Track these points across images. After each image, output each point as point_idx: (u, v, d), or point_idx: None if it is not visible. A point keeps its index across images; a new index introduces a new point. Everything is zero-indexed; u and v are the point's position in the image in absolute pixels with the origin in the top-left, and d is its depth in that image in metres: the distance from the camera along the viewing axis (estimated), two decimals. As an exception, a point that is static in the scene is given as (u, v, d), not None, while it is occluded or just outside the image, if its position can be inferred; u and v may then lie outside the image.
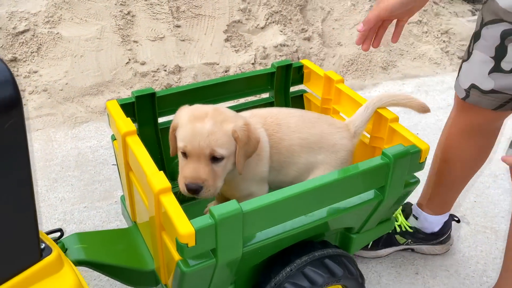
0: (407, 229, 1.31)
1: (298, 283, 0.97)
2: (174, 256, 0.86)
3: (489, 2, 0.97)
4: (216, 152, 0.92)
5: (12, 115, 0.57)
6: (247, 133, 0.94)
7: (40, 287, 0.65)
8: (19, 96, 0.58)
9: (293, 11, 2.35)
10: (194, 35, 2.22)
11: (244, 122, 0.95)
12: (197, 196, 0.93)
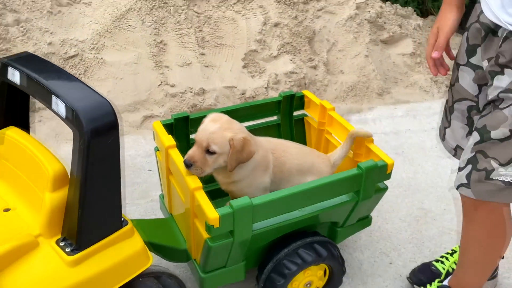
0: None
1: (293, 260, 1.30)
2: (203, 236, 1.20)
3: (456, 84, 1.24)
4: (210, 146, 1.25)
5: (113, 133, 0.93)
6: (242, 144, 1.26)
7: (121, 245, 1.00)
8: (117, 121, 0.93)
9: (302, 43, 2.70)
10: (216, 62, 2.59)
11: (244, 136, 1.27)
12: (189, 170, 1.23)
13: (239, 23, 2.71)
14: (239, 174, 1.33)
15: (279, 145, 1.45)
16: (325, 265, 1.39)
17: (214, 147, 1.25)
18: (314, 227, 1.40)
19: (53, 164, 0.98)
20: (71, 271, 0.93)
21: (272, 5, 2.74)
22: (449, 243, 1.69)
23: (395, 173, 1.59)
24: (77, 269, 0.94)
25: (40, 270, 0.93)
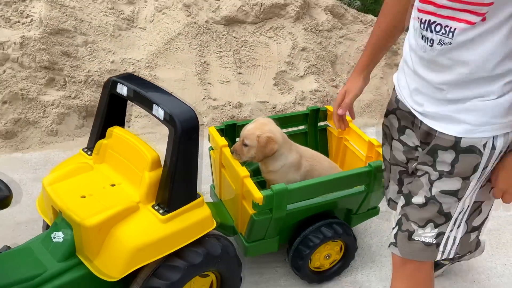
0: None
1: (316, 235, 1.68)
2: (249, 212, 1.59)
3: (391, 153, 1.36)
4: (244, 141, 1.67)
5: (195, 131, 1.33)
6: (265, 142, 1.66)
7: (195, 211, 1.39)
8: (198, 123, 1.34)
9: (325, 65, 3.11)
10: (251, 80, 3.01)
11: (269, 136, 1.66)
12: (233, 156, 1.66)
13: (271, 47, 3.14)
14: (273, 166, 1.74)
15: (315, 156, 1.85)
16: (341, 242, 1.76)
17: (246, 141, 1.67)
18: (333, 212, 1.78)
19: (150, 151, 1.39)
20: (163, 226, 1.33)
21: (300, 32, 3.16)
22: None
23: None
24: (167, 225, 1.33)
25: (141, 225, 1.33)
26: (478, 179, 1.12)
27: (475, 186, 1.13)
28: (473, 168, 1.10)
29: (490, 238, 2.04)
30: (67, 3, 2.96)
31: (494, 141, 1.08)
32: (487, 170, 1.12)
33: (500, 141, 1.08)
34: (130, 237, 1.29)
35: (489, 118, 1.06)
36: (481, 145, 1.08)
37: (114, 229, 1.32)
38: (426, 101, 1.15)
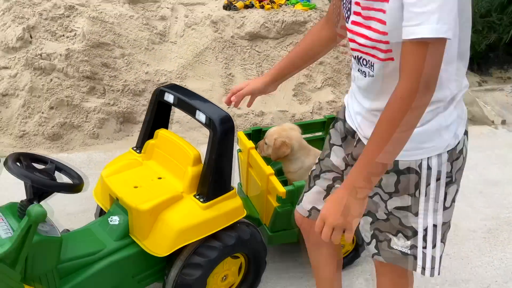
0: None
1: (332, 227, 1.92)
2: (274, 205, 1.84)
3: (326, 159, 1.45)
4: (265, 140, 1.94)
5: (231, 133, 1.59)
6: (279, 145, 1.91)
7: (229, 201, 1.64)
8: (234, 126, 1.59)
9: (341, 78, 3.35)
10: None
11: (283, 140, 1.91)
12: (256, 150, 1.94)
13: (291, 60, 3.39)
14: (291, 168, 1.99)
15: None
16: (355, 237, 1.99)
17: (266, 141, 1.94)
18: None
19: (192, 149, 1.65)
20: (202, 212, 1.58)
21: (318, 47, 3.41)
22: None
23: None
24: (206, 211, 1.58)
25: (185, 210, 1.58)
26: (426, 195, 1.19)
27: (428, 203, 1.20)
28: (415, 185, 1.19)
29: (489, 237, 2.25)
30: (106, 19, 3.27)
31: (428, 162, 1.16)
32: (431, 188, 1.18)
33: (435, 161, 1.17)
34: (176, 220, 1.55)
35: (416, 144, 1.13)
36: (417, 166, 1.17)
37: (162, 214, 1.57)
38: (367, 126, 1.22)
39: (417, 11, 0.97)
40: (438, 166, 1.17)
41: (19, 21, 3.19)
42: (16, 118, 2.90)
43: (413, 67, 1.00)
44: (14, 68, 3.03)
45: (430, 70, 1.00)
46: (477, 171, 2.72)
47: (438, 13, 0.96)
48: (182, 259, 1.59)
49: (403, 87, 1.02)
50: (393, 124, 1.03)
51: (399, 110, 1.02)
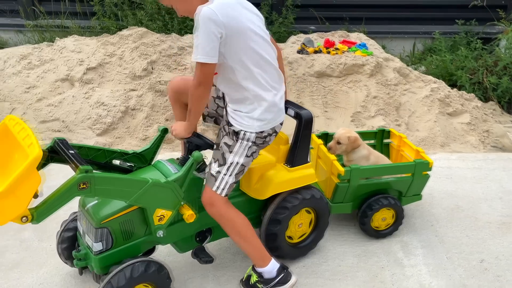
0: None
1: (377, 202, 2.63)
2: (335, 181, 2.61)
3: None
4: (338, 140, 2.70)
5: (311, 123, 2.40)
6: (353, 140, 2.67)
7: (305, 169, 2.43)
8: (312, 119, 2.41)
9: (392, 110, 4.12)
10: (334, 116, 4.08)
11: (355, 136, 2.69)
12: (329, 151, 2.70)
13: (350, 94, 4.21)
14: (352, 157, 2.75)
15: (380, 155, 2.83)
16: (393, 211, 2.70)
17: (340, 141, 2.71)
18: (388, 192, 2.74)
19: (284, 134, 2.47)
20: (289, 173, 2.36)
21: (373, 85, 4.22)
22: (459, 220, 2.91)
23: (445, 186, 3.10)
24: (291, 173, 2.36)
25: (278, 171, 2.37)
26: (240, 144, 2.08)
27: (239, 149, 2.07)
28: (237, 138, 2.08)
29: (502, 227, 2.87)
30: (208, 57, 4.26)
31: (247, 133, 2.08)
32: (244, 145, 2.08)
33: (250, 134, 2.08)
34: (273, 176, 2.34)
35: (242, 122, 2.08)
36: (242, 133, 2.08)
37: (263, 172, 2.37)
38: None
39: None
40: (253, 137, 2.10)
41: (144, 57, 4.25)
42: (140, 126, 3.87)
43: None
44: (140, 90, 4.05)
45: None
46: (500, 184, 3.36)
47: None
48: (275, 203, 2.37)
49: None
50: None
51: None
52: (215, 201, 2.10)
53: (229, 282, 2.38)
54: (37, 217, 1.74)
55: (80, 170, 1.78)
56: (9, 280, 2.37)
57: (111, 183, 1.86)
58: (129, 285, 1.95)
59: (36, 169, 1.68)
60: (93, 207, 2.01)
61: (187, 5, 1.95)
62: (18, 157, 1.85)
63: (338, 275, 2.45)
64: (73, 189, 1.78)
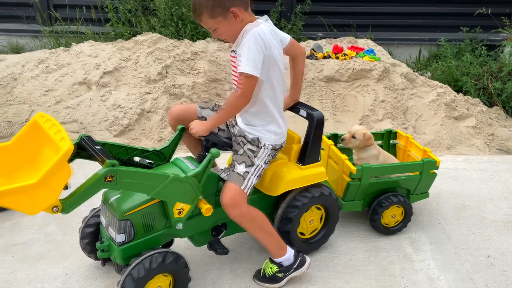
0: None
1: (387, 200, 2.73)
2: (346, 180, 2.71)
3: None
4: (353, 134, 2.80)
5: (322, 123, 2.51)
6: (368, 137, 2.78)
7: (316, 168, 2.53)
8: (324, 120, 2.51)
9: (399, 113, 4.22)
10: (343, 120, 4.18)
11: (370, 135, 2.80)
12: (342, 143, 2.86)
13: (358, 98, 4.32)
14: (362, 155, 2.86)
15: (388, 155, 2.94)
16: (402, 208, 2.79)
17: (355, 135, 2.81)
18: (397, 190, 2.83)
19: (295, 134, 2.57)
20: (300, 171, 2.46)
21: (380, 89, 4.32)
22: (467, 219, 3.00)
23: (452, 187, 3.16)
24: (302, 171, 2.46)
25: (289, 169, 2.48)
26: (263, 151, 2.28)
27: (262, 154, 2.27)
28: (259, 145, 2.27)
29: (507, 225, 2.95)
30: (221, 62, 4.39)
31: (266, 144, 2.29)
32: (265, 152, 2.29)
33: (268, 145, 2.30)
34: (285, 174, 2.45)
35: (260, 135, 2.29)
36: (262, 143, 2.29)
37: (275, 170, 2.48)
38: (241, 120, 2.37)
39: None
40: (270, 147, 2.33)
41: (159, 62, 4.38)
42: (155, 128, 4.00)
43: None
44: (155, 94, 4.17)
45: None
46: (505, 185, 3.44)
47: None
48: (286, 202, 2.47)
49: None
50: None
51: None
52: (239, 201, 2.17)
53: (246, 274, 2.47)
54: (66, 207, 1.86)
55: (106, 164, 1.90)
56: (36, 271, 2.48)
57: (135, 177, 1.98)
58: (148, 276, 2.05)
59: (67, 162, 1.79)
60: (116, 200, 2.12)
61: (231, 30, 2.15)
62: (48, 152, 1.97)
63: (350, 268, 2.55)
64: (100, 182, 1.89)
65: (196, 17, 2.15)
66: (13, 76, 4.61)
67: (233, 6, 2.07)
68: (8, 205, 1.70)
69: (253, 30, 2.06)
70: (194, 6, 2.11)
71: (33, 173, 1.92)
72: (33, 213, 1.77)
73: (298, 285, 2.40)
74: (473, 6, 5.81)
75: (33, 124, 2.00)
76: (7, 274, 2.45)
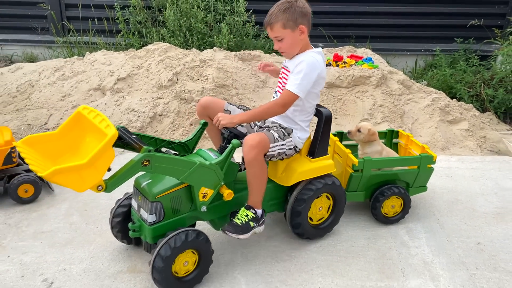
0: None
1: (388, 190, 2.99)
2: (349, 171, 2.97)
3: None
4: (360, 129, 3.08)
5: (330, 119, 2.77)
6: (373, 132, 3.05)
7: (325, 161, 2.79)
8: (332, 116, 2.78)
9: (396, 117, 4.50)
10: (343, 123, 4.45)
11: (375, 131, 3.07)
12: (348, 135, 3.14)
13: (358, 103, 4.60)
14: (366, 150, 3.12)
15: (391, 151, 3.21)
16: (401, 200, 3.05)
17: (361, 130, 3.08)
18: (397, 182, 3.09)
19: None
20: (311, 164, 2.72)
21: (379, 95, 4.61)
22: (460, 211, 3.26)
23: (446, 183, 3.43)
24: (313, 163, 2.72)
25: (301, 162, 2.73)
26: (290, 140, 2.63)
27: (289, 142, 2.61)
28: (289, 134, 2.63)
29: (497, 217, 3.22)
30: (228, 69, 4.67)
31: (297, 136, 2.64)
32: (292, 143, 2.63)
33: (297, 142, 2.64)
34: (297, 166, 2.70)
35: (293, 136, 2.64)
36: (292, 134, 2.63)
37: (288, 163, 2.73)
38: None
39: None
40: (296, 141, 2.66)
41: (169, 69, 4.66)
42: (167, 130, 4.25)
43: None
44: (167, 98, 4.44)
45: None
46: (495, 182, 3.71)
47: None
48: (298, 189, 2.73)
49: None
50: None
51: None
52: (260, 148, 2.41)
53: (256, 258, 2.71)
54: (109, 187, 2.10)
55: (144, 149, 2.15)
56: (64, 255, 2.71)
57: (167, 162, 2.23)
58: (175, 254, 2.29)
59: (111, 147, 2.05)
60: (148, 185, 2.37)
61: (294, 44, 2.52)
62: (90, 140, 2.23)
63: (351, 253, 2.79)
64: (138, 165, 2.14)
65: (269, 25, 2.48)
66: (30, 83, 4.87)
67: (302, 24, 2.46)
68: (61, 182, 1.94)
69: (312, 59, 2.48)
70: (271, 14, 2.45)
71: (76, 158, 2.18)
72: (81, 190, 2.01)
73: (304, 267, 2.63)
74: (467, 18, 6.15)
75: (76, 115, 2.26)
76: (38, 257, 2.67)
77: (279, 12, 2.43)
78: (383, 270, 2.63)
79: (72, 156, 2.22)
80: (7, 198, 3.25)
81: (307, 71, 2.45)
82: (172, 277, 2.32)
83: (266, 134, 2.50)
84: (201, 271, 2.43)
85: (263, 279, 2.53)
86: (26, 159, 2.01)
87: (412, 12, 6.33)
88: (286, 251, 2.76)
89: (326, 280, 2.54)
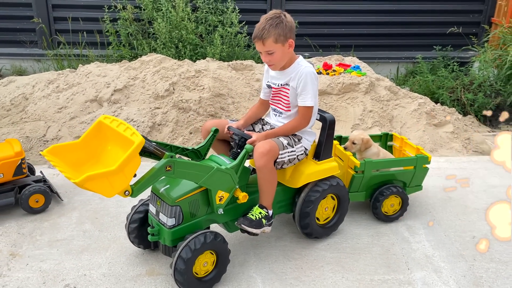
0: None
1: (387, 190, 3.16)
2: (351, 173, 3.13)
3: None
4: (353, 141, 3.24)
5: (333, 124, 2.93)
6: (366, 141, 3.21)
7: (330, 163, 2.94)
8: (335, 121, 2.94)
9: (385, 122, 4.70)
10: (336, 128, 4.63)
11: (368, 138, 3.24)
12: (345, 150, 3.27)
13: (349, 109, 4.79)
14: (365, 154, 3.29)
15: (387, 152, 3.38)
16: (400, 198, 3.23)
17: (355, 141, 3.24)
18: (395, 182, 3.27)
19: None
20: (317, 166, 2.87)
21: (368, 101, 4.81)
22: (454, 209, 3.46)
23: (438, 182, 3.60)
24: (318, 166, 2.87)
25: (307, 165, 2.88)
26: (300, 145, 2.79)
27: (299, 148, 2.78)
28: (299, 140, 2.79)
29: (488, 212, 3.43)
30: (223, 79, 4.81)
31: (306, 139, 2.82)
32: (302, 148, 2.79)
33: (306, 145, 2.80)
34: (304, 169, 2.85)
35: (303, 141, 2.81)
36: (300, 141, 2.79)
37: (296, 166, 2.87)
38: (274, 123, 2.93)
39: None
40: (304, 148, 2.81)
41: (165, 79, 4.76)
42: (167, 139, 4.35)
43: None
44: (164, 108, 4.54)
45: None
46: (483, 180, 3.94)
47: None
48: (306, 191, 2.87)
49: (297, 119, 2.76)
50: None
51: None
52: (271, 154, 2.57)
53: (268, 257, 2.83)
54: (135, 191, 2.20)
55: (166, 155, 2.26)
56: (82, 261, 2.78)
57: (188, 167, 2.34)
58: (195, 255, 2.40)
59: (138, 154, 2.15)
60: (166, 190, 2.48)
61: (283, 57, 2.65)
62: (112, 148, 2.33)
63: (357, 250, 2.94)
64: (161, 170, 2.25)
65: (260, 38, 2.58)
66: (24, 96, 4.90)
67: (291, 38, 2.62)
68: (92, 187, 2.03)
69: (311, 70, 2.67)
70: (263, 30, 2.55)
71: (98, 166, 2.28)
72: (110, 195, 2.11)
73: (315, 264, 2.77)
74: (444, 27, 6.46)
75: (98, 125, 2.35)
76: (56, 264, 2.74)
77: (271, 27, 2.53)
78: (388, 264, 2.79)
79: (94, 164, 2.31)
80: (17, 208, 3.29)
81: (312, 82, 2.66)
82: (193, 278, 2.42)
83: (276, 142, 2.65)
84: (219, 270, 2.54)
85: (277, 277, 2.65)
86: (57, 167, 2.09)
87: (394, 21, 6.61)
88: (296, 250, 2.90)
89: (336, 275, 2.68)
